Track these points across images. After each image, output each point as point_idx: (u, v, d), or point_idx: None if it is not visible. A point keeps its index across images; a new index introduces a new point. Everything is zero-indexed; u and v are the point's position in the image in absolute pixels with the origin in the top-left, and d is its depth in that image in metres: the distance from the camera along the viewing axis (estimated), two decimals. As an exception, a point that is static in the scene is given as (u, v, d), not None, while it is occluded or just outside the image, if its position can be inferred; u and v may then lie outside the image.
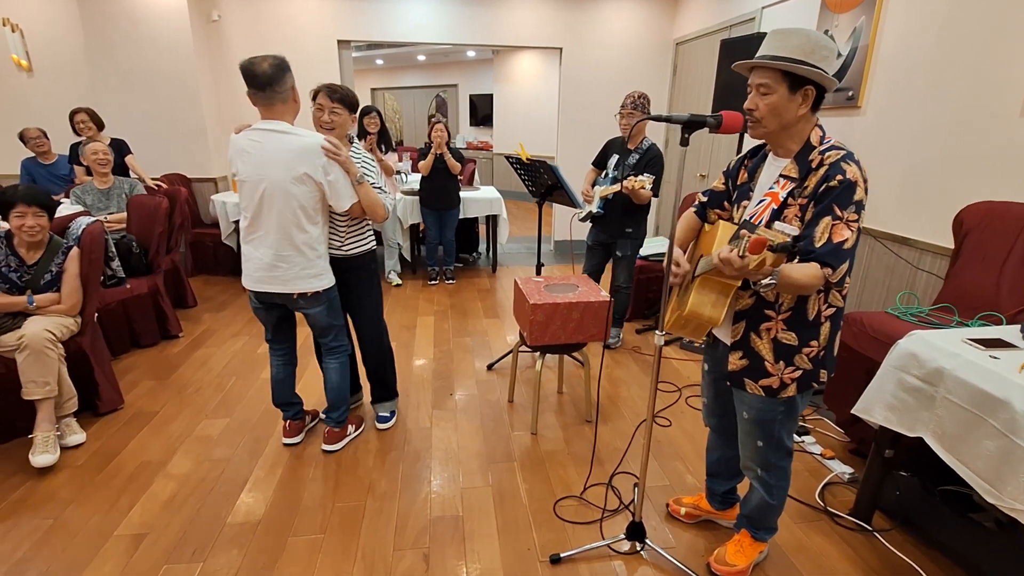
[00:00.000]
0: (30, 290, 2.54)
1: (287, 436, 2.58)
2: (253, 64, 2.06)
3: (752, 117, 1.44)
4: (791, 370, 1.55)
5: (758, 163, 1.61)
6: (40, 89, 5.28)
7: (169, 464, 2.42)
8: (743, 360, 1.60)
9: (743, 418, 1.70)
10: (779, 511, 1.83)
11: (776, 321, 1.52)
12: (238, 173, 2.16)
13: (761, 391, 1.59)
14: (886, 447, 1.99)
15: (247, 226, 2.22)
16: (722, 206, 1.74)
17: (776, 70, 1.38)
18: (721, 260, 1.28)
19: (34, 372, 2.37)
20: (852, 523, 2.11)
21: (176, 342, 3.71)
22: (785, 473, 1.75)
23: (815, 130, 1.46)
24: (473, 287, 5.12)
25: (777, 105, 1.40)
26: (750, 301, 1.55)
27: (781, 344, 1.53)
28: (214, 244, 5.16)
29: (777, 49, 1.38)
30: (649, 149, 3.28)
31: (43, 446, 2.35)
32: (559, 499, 2.23)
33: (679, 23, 5.81)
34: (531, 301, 2.45)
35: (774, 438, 1.67)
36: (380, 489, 2.28)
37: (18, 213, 2.44)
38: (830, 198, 1.35)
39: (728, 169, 1.73)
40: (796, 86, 1.38)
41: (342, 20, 5.43)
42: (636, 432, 2.73)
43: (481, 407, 2.95)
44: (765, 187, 1.53)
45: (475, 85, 11.15)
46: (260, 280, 2.25)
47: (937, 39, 2.77)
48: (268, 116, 2.14)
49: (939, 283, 2.72)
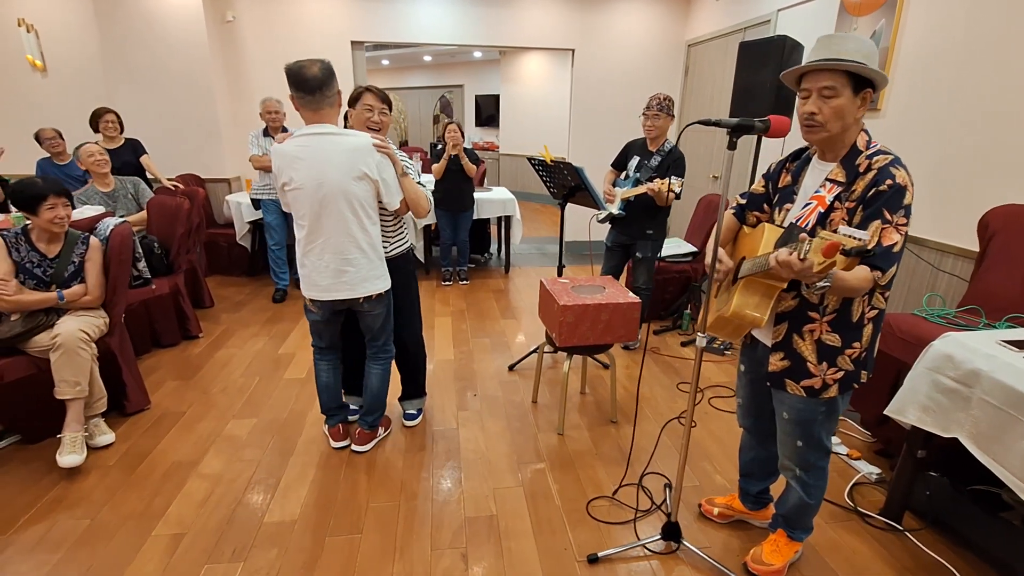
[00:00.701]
0: (55, 285, 2.55)
1: (337, 440, 2.57)
2: (302, 68, 2.05)
3: (813, 121, 1.44)
4: (834, 371, 1.57)
5: (801, 166, 1.62)
6: (54, 89, 5.29)
7: (201, 464, 2.44)
8: (784, 361, 1.62)
9: (783, 418, 1.72)
10: (816, 511, 1.85)
11: (820, 323, 1.54)
12: (291, 182, 2.11)
13: (802, 391, 1.61)
14: (918, 448, 2.01)
15: (306, 235, 2.18)
16: (761, 208, 1.76)
17: (843, 72, 1.39)
18: (779, 263, 1.29)
19: (67, 371, 2.38)
20: (883, 523, 2.13)
21: (197, 342, 3.73)
22: (823, 473, 1.78)
23: (861, 134, 1.48)
24: (487, 288, 5.14)
25: (843, 108, 1.40)
26: (793, 303, 1.57)
27: (825, 345, 1.55)
28: (228, 245, 5.18)
29: (835, 53, 1.39)
30: (671, 151, 3.29)
31: (71, 446, 2.37)
32: (591, 499, 2.25)
33: (691, 25, 5.83)
34: (561, 302, 2.47)
35: (814, 438, 1.69)
36: (412, 489, 2.30)
37: (50, 205, 2.46)
38: (880, 202, 1.37)
39: (768, 172, 1.75)
40: (858, 88, 1.40)
41: (356, 21, 5.45)
42: (662, 432, 2.74)
43: (506, 407, 2.96)
44: (810, 190, 1.55)
45: (481, 86, 11.17)
46: (328, 288, 2.23)
47: (959, 40, 2.79)
48: (314, 120, 2.13)
49: (960, 284, 2.74)
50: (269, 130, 4.31)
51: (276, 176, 2.16)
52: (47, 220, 2.48)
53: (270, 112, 4.23)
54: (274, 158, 2.15)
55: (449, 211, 4.97)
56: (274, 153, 2.15)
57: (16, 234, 2.54)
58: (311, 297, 2.28)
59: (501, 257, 6.15)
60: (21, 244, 2.53)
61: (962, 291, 2.69)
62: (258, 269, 5.27)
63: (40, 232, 2.55)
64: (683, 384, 3.26)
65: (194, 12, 4.91)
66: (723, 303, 1.66)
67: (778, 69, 3.40)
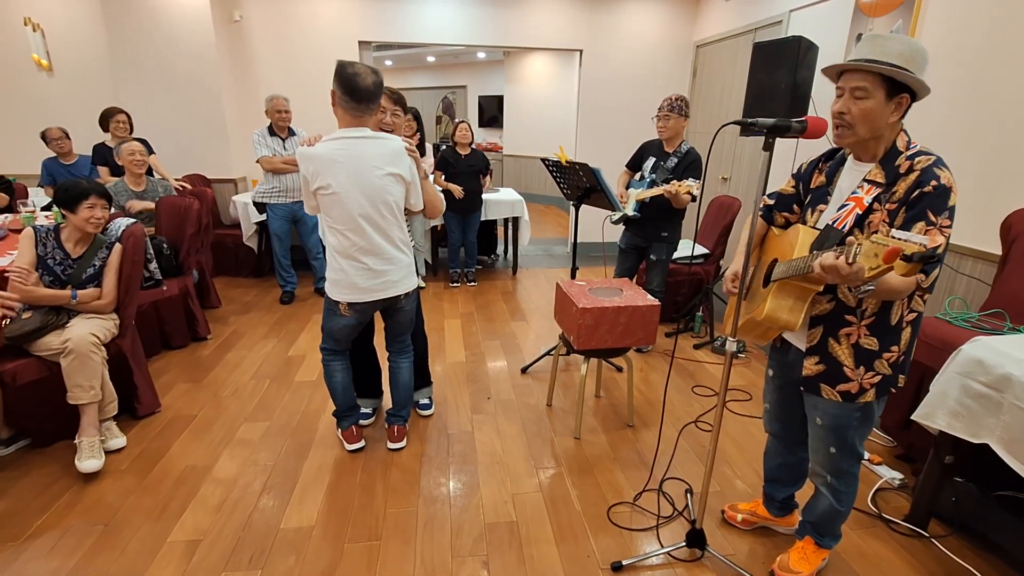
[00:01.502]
0: (71, 285, 2.54)
1: (353, 442, 2.55)
2: (359, 76, 2.02)
3: (842, 121, 1.41)
4: (871, 375, 1.54)
5: (836, 166, 1.59)
6: (60, 89, 5.26)
7: (215, 468, 2.41)
8: (819, 365, 1.59)
9: (816, 424, 1.69)
10: (845, 518, 1.82)
11: (858, 326, 1.51)
12: (328, 186, 2.08)
13: (838, 396, 1.58)
14: (946, 453, 1.98)
15: (344, 239, 2.16)
16: (791, 209, 1.73)
17: (876, 74, 1.36)
18: (824, 267, 1.25)
19: (80, 376, 2.35)
20: (908, 529, 2.10)
21: (206, 344, 3.70)
22: (855, 479, 1.75)
23: (901, 135, 1.44)
24: (495, 289, 5.11)
25: (872, 111, 1.37)
26: (828, 306, 1.54)
27: (862, 349, 1.52)
28: (235, 245, 5.15)
29: (876, 54, 1.36)
30: (688, 153, 3.26)
31: (89, 451, 2.34)
32: (612, 505, 2.22)
33: (700, 25, 5.81)
34: (579, 305, 2.44)
35: (848, 444, 1.66)
36: (430, 494, 2.27)
37: (90, 204, 2.48)
38: (924, 203, 1.34)
39: (799, 172, 1.72)
40: (893, 93, 1.36)
41: (363, 21, 5.42)
42: (680, 437, 2.71)
43: (520, 411, 2.93)
44: (846, 192, 1.51)
45: (484, 87, 11.14)
46: (370, 290, 2.23)
47: (980, 40, 2.76)
48: (353, 124, 2.12)
49: (979, 287, 2.72)
50: (276, 129, 4.25)
51: (308, 179, 2.10)
52: (83, 219, 2.49)
53: (279, 111, 4.16)
54: (307, 162, 2.08)
55: (458, 212, 4.94)
56: (307, 157, 2.08)
57: (48, 229, 2.55)
58: (350, 300, 2.25)
59: (508, 258, 6.13)
60: (49, 239, 2.54)
61: (981, 294, 2.66)
62: (265, 270, 5.24)
63: (72, 231, 2.55)
64: (698, 387, 3.23)
65: (201, 12, 4.88)
66: (754, 305, 1.63)
67: (794, 70, 3.38)
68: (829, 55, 3.72)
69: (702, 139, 5.67)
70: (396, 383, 2.59)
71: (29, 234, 2.52)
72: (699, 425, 2.82)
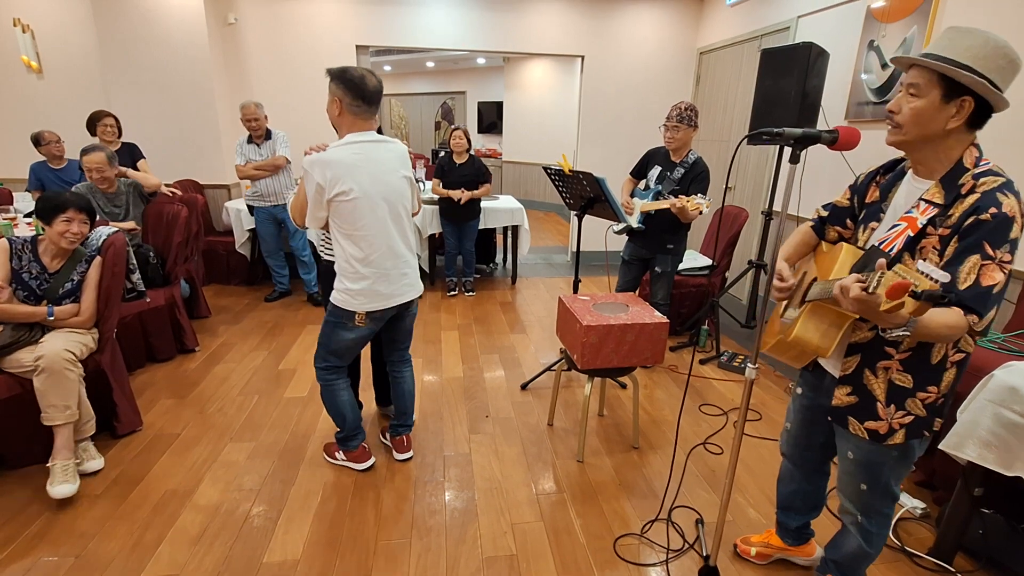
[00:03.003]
0: (47, 300, 2.41)
1: (365, 460, 2.46)
2: (366, 79, 2.00)
3: (892, 120, 1.27)
4: (902, 415, 1.39)
5: (893, 181, 1.43)
6: (50, 91, 5.13)
7: (196, 494, 2.27)
8: (851, 397, 1.46)
9: (847, 458, 1.55)
10: (872, 561, 1.68)
11: (895, 360, 1.37)
12: (351, 191, 2.00)
13: (865, 434, 1.45)
14: (976, 485, 1.85)
15: (366, 244, 2.08)
16: (844, 224, 1.57)
17: (932, 71, 1.20)
18: (842, 289, 1.12)
19: (54, 396, 2.21)
20: (933, 564, 1.97)
21: (193, 356, 3.56)
22: (888, 521, 1.61)
23: (970, 150, 1.27)
24: (493, 299, 4.98)
25: (923, 112, 1.22)
26: (869, 334, 1.39)
27: (894, 386, 1.38)
28: (227, 253, 5.02)
29: (944, 49, 1.21)
30: (696, 163, 3.14)
31: (62, 475, 2.19)
32: (618, 536, 2.08)
33: (703, 32, 5.71)
34: (584, 322, 2.31)
35: (881, 483, 1.52)
36: (424, 524, 2.13)
37: (67, 218, 2.35)
38: (980, 233, 1.17)
39: (856, 184, 1.55)
40: (952, 94, 1.20)
41: (361, 24, 5.31)
42: (688, 460, 2.58)
43: (520, 431, 2.80)
44: (900, 210, 1.36)
45: (483, 92, 11.06)
46: (391, 295, 2.19)
47: (1001, 51, 2.65)
48: (363, 128, 2.07)
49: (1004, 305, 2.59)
50: (252, 136, 4.23)
51: (324, 187, 1.99)
52: (58, 232, 2.36)
53: (248, 120, 4.11)
54: (322, 168, 1.97)
55: (455, 220, 4.82)
56: (322, 163, 1.97)
57: (24, 241, 2.42)
58: (371, 309, 2.16)
59: (507, 267, 6.01)
60: (25, 252, 2.41)
61: (1004, 312, 2.54)
62: (258, 278, 5.11)
63: (48, 244, 2.43)
64: (705, 406, 3.10)
65: (195, 13, 4.76)
66: (789, 324, 1.50)
67: (803, 77, 3.27)
68: (840, 62, 3.62)
69: (706, 147, 5.56)
70: (402, 392, 2.53)
71: (3, 246, 2.38)
72: (708, 447, 2.69)
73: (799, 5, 4.14)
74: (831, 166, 3.77)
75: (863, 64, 3.52)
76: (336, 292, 2.16)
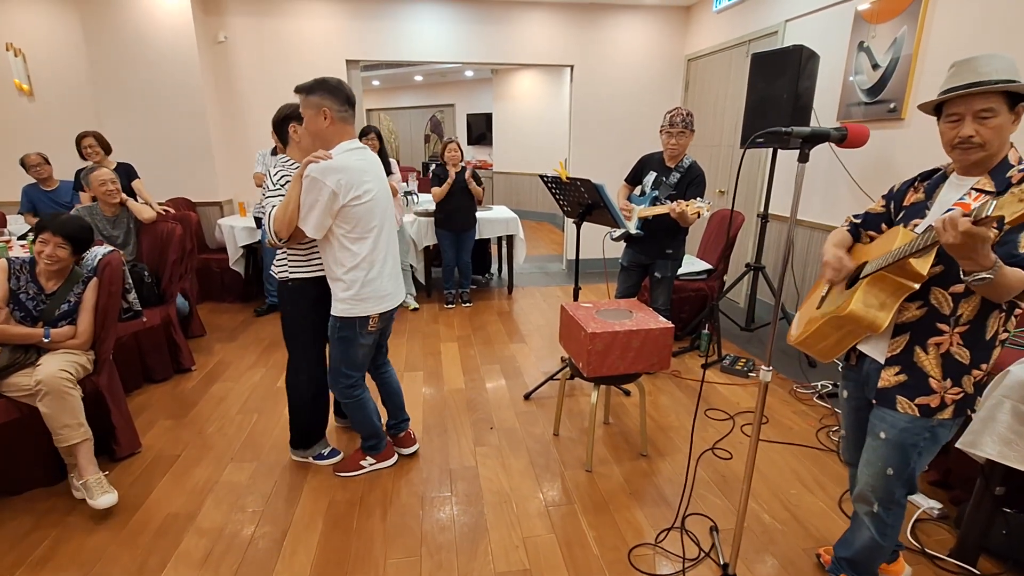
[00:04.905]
0: (43, 322, 2.36)
1: (392, 454, 2.56)
2: (342, 84, 2.08)
3: (971, 143, 1.36)
4: (956, 391, 1.45)
5: (936, 183, 1.52)
6: (42, 114, 5.09)
7: (198, 516, 2.21)
8: (900, 376, 1.49)
9: (879, 438, 1.56)
10: (886, 555, 1.68)
11: (951, 334, 1.42)
12: (366, 193, 2.08)
13: (916, 410, 1.47)
14: (996, 483, 1.83)
15: (374, 246, 2.16)
16: (879, 228, 1.64)
17: (998, 93, 1.32)
18: (946, 223, 1.15)
19: (64, 416, 2.18)
20: (956, 566, 1.94)
21: (190, 376, 3.50)
22: (902, 512, 1.62)
23: (1013, 150, 1.40)
24: (491, 310, 4.95)
25: (1002, 128, 1.34)
26: (919, 312, 1.44)
27: (953, 360, 1.43)
28: (221, 270, 4.97)
29: (985, 75, 1.32)
30: (691, 168, 3.14)
31: (99, 488, 2.20)
32: (633, 547, 2.04)
33: (690, 39, 5.76)
34: (588, 329, 2.29)
35: (908, 467, 1.53)
36: (434, 540, 2.09)
37: (43, 239, 2.33)
38: None
39: (891, 192, 1.65)
40: (1013, 105, 1.34)
41: (351, 40, 5.32)
42: (697, 466, 2.55)
43: (526, 441, 2.76)
44: (947, 204, 1.43)
45: (472, 105, 11.10)
46: (394, 294, 2.29)
47: (991, 48, 2.68)
48: (351, 135, 2.14)
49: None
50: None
51: (338, 193, 2.01)
52: (35, 252, 2.35)
53: None
54: (336, 174, 2.00)
55: (451, 231, 4.80)
56: (336, 169, 2.00)
57: (23, 262, 2.40)
58: (382, 310, 2.23)
59: (503, 277, 5.99)
60: (24, 273, 2.38)
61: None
62: (252, 295, 5.06)
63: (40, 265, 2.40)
64: (711, 411, 3.07)
65: (185, 33, 4.75)
66: (834, 304, 1.50)
67: (795, 80, 3.29)
68: (830, 64, 3.65)
69: (696, 152, 5.58)
70: (394, 391, 2.60)
71: (2, 266, 2.35)
72: (716, 453, 2.67)
73: (786, 9, 4.18)
74: (825, 164, 3.79)
75: (853, 65, 3.55)
76: (341, 304, 2.16)
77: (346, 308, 2.16)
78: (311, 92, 2.03)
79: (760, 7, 4.53)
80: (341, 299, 2.16)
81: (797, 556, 2.00)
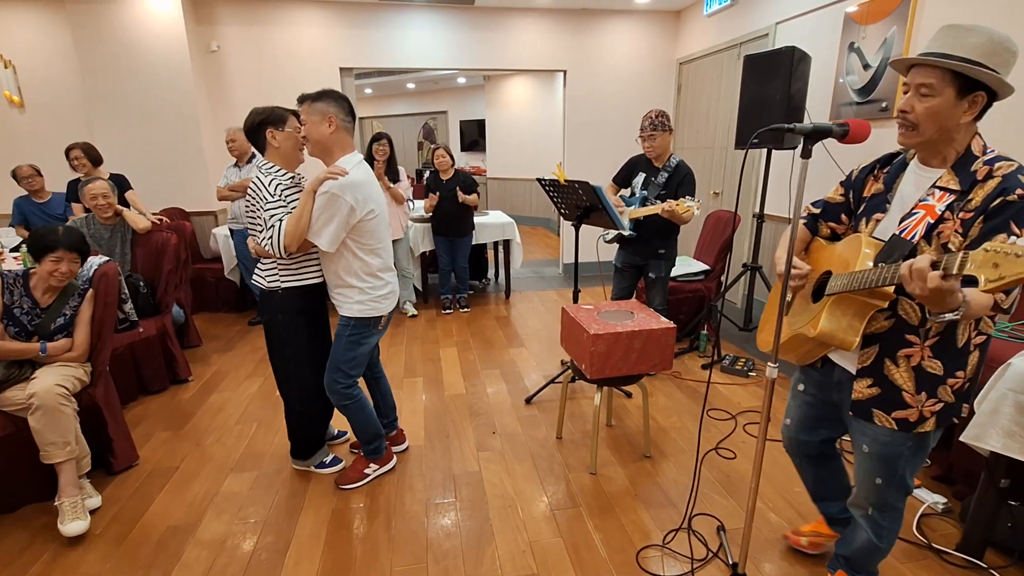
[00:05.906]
0: (38, 336, 2.33)
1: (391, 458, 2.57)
2: (347, 97, 2.14)
3: (905, 120, 1.28)
4: (933, 403, 1.38)
5: (896, 172, 1.45)
6: (33, 125, 5.04)
7: (199, 528, 2.18)
8: (873, 389, 1.44)
9: (863, 452, 1.53)
10: (884, 556, 1.66)
11: (921, 347, 1.36)
12: (376, 207, 2.14)
13: (894, 424, 1.43)
14: (1001, 476, 1.84)
15: (387, 254, 2.26)
16: (838, 219, 1.59)
17: (945, 70, 1.22)
18: (913, 272, 1.08)
19: (52, 433, 2.13)
20: (962, 560, 1.94)
21: (186, 387, 3.46)
22: (899, 515, 1.60)
23: (976, 138, 1.31)
24: (489, 315, 4.94)
25: (939, 110, 1.24)
26: (887, 324, 1.39)
27: (925, 373, 1.37)
28: (216, 280, 4.94)
29: (950, 47, 1.23)
30: (679, 167, 3.16)
31: (72, 512, 2.11)
32: (640, 548, 2.03)
33: (681, 43, 5.80)
34: (591, 331, 2.28)
35: (897, 476, 1.50)
36: (440, 547, 2.07)
37: (56, 257, 2.29)
38: (1007, 214, 1.18)
39: (849, 179, 1.57)
40: (966, 91, 1.22)
41: (344, 47, 5.32)
42: (702, 466, 2.55)
43: (529, 445, 2.75)
44: (911, 198, 1.37)
45: (465, 111, 11.12)
46: (396, 292, 2.36)
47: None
48: (351, 146, 2.17)
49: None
50: (238, 161, 4.32)
51: (356, 208, 2.04)
52: (47, 271, 2.30)
53: (227, 142, 4.27)
54: (354, 190, 2.03)
55: (447, 237, 4.79)
56: (354, 185, 2.04)
57: (16, 275, 2.35)
58: (392, 308, 2.34)
59: (499, 282, 5.98)
60: (17, 287, 2.34)
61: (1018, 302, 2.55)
62: (247, 304, 5.02)
63: (39, 280, 2.36)
64: (713, 411, 3.07)
65: (177, 42, 4.74)
66: (802, 321, 1.49)
67: (788, 81, 3.31)
68: (821, 65, 3.68)
69: (690, 154, 5.62)
70: (386, 389, 2.68)
71: None
72: (720, 452, 2.66)
73: (777, 11, 4.22)
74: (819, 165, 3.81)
75: (844, 66, 3.58)
76: (357, 305, 2.22)
77: (363, 309, 2.22)
78: (318, 99, 2.06)
79: (750, 10, 4.57)
80: (357, 300, 2.21)
81: (805, 554, 1.99)
